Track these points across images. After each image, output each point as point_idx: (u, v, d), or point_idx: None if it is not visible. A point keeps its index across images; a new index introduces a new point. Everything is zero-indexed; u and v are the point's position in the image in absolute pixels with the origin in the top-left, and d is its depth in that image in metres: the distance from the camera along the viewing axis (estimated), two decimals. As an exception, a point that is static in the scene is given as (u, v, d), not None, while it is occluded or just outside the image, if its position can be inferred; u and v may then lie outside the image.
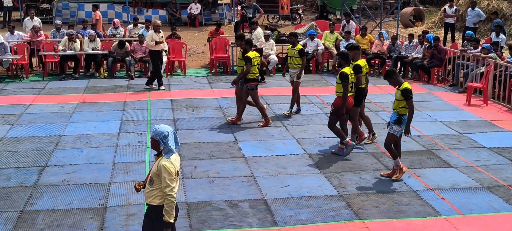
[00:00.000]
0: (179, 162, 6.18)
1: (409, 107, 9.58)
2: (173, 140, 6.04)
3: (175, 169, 6.01)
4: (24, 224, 8.20)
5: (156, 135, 5.99)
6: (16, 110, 14.58)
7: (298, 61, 13.71)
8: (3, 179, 9.90)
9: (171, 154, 6.00)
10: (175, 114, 14.09)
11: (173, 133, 6.07)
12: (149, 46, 16.85)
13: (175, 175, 6.00)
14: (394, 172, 9.97)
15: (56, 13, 28.69)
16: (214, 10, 29.76)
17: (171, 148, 5.98)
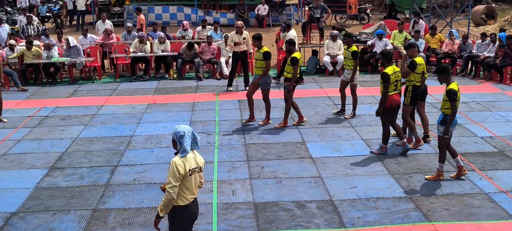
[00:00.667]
0: (196, 162, 6.24)
1: (451, 108, 9.38)
2: (190, 140, 6.15)
3: (185, 168, 6.08)
4: (96, 222, 8.43)
5: (174, 135, 6.16)
6: (89, 111, 14.99)
7: (352, 63, 13.62)
8: (76, 178, 10.21)
9: (186, 153, 6.11)
10: (242, 115, 14.18)
11: (192, 133, 6.18)
12: (230, 47, 17.06)
13: (184, 172, 6.07)
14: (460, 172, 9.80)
15: (127, 16, 29.32)
16: (281, 11, 29.79)
17: (186, 148, 6.10)
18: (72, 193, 9.53)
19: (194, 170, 6.20)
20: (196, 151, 6.27)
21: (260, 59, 13.15)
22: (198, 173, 6.30)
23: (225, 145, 11.85)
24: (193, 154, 6.21)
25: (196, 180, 6.26)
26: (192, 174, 6.17)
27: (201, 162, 6.32)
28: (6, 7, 30.22)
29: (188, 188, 6.18)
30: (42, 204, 9.11)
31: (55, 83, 18.98)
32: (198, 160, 6.27)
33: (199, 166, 6.29)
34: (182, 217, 6.22)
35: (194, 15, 28.83)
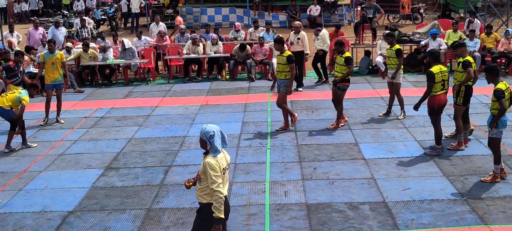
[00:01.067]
0: (226, 160, 6.24)
1: (500, 106, 9.18)
2: (220, 139, 6.12)
3: (220, 166, 6.06)
4: (151, 221, 8.55)
5: (203, 135, 6.11)
6: (144, 112, 15.22)
7: (395, 62, 13.48)
8: (131, 178, 10.38)
9: (217, 153, 6.08)
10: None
11: (220, 133, 6.15)
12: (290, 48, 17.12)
13: (220, 172, 6.04)
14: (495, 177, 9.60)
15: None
16: (333, 11, 29.66)
17: (217, 147, 6.07)
18: (127, 192, 9.70)
19: (225, 169, 6.20)
20: (224, 149, 6.27)
21: (283, 63, 12.68)
22: (227, 170, 6.29)
23: (277, 146, 11.87)
24: (222, 153, 6.20)
25: (226, 178, 6.26)
26: (224, 173, 6.16)
27: (229, 160, 6.35)
28: (63, 10, 30.90)
29: None
30: (98, 203, 9.30)
31: (110, 84, 19.34)
32: (227, 158, 6.30)
33: (228, 164, 6.31)
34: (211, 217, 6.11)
35: (246, 16, 28.95)
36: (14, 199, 9.60)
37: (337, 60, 13.05)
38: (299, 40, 17.02)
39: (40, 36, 21.39)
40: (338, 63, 12.97)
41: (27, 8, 32.76)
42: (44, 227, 8.49)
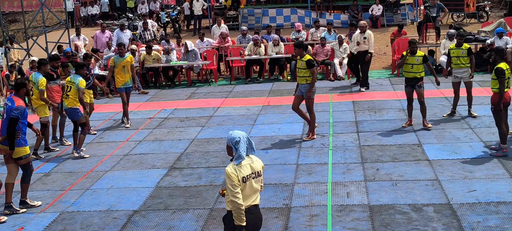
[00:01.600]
0: (252, 168, 6.00)
1: None
2: (245, 146, 5.95)
3: (240, 174, 5.86)
4: (213, 221, 8.64)
5: (229, 141, 5.99)
6: (206, 113, 15.39)
7: (466, 61, 13.21)
8: (194, 178, 10.51)
9: (241, 160, 5.91)
10: (357, 117, 14.08)
11: (247, 139, 5.99)
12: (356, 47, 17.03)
13: (238, 180, 5.85)
14: None
15: (242, 20, 29.79)
16: (396, 10, 29.27)
17: (241, 154, 5.90)
18: (191, 192, 9.82)
19: (249, 177, 5.95)
20: (253, 156, 6.09)
21: (303, 68, 12.22)
22: (255, 179, 6.04)
23: (339, 147, 11.81)
24: (249, 160, 6.00)
25: (252, 186, 6.01)
26: (247, 181, 5.93)
27: (258, 167, 6.08)
28: (128, 13, 31.50)
29: (244, 196, 5.93)
30: (162, 202, 9.46)
31: (173, 86, 19.63)
32: (255, 165, 6.04)
33: (256, 171, 6.04)
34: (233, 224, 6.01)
35: (307, 17, 28.87)
36: (82, 198, 9.86)
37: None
38: (365, 39, 16.82)
39: (106, 39, 21.92)
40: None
41: (95, 11, 33.51)
42: (110, 225, 8.69)
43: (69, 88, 12.23)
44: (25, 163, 9.46)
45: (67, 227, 8.74)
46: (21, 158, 9.37)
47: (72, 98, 12.24)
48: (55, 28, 27.79)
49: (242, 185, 5.89)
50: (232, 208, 5.90)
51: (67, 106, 12.33)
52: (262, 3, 30.96)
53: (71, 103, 12.27)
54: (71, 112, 12.38)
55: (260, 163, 6.13)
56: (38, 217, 9.18)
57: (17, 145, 9.29)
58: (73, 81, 12.24)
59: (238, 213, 5.89)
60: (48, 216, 9.17)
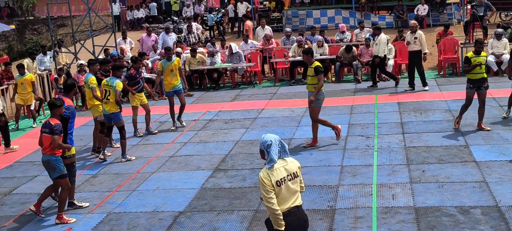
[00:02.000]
0: (286, 170, 5.89)
1: None
2: (277, 149, 5.88)
3: (273, 179, 5.79)
4: (258, 222, 8.66)
5: (261, 144, 5.93)
6: (250, 114, 15.45)
7: None
8: (239, 179, 10.56)
9: (272, 163, 5.84)
10: (402, 118, 13.95)
11: (279, 142, 5.92)
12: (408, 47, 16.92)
13: (271, 185, 5.79)
14: None
15: (286, 21, 29.78)
16: (442, 10, 28.87)
17: (273, 157, 5.83)
18: (235, 194, 9.88)
19: (284, 180, 5.87)
20: (288, 158, 5.99)
21: (311, 75, 12.08)
22: (292, 181, 5.94)
23: (384, 148, 11.72)
24: (283, 162, 5.92)
25: (289, 188, 5.92)
26: (281, 184, 5.84)
27: (294, 168, 5.98)
28: (173, 16, 31.81)
29: (280, 198, 5.86)
30: (207, 204, 9.53)
31: (218, 88, 19.76)
32: (289, 167, 5.94)
33: (292, 173, 5.95)
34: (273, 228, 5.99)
35: (352, 18, 28.71)
36: (128, 199, 10.01)
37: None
38: (416, 39, 16.61)
39: (152, 42, 22.19)
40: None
41: (141, 15, 33.92)
42: (156, 226, 8.79)
43: (108, 93, 12.16)
44: (69, 162, 9.63)
45: (114, 228, 8.88)
46: (66, 157, 9.54)
47: (112, 103, 12.21)
48: (101, 32, 28.22)
49: (277, 188, 5.84)
50: (268, 213, 5.91)
51: (108, 112, 12.25)
52: (306, 5, 30.90)
53: (112, 108, 12.22)
54: (112, 117, 12.31)
55: (296, 164, 6.05)
56: (86, 218, 9.36)
57: None
58: (111, 84, 12.13)
59: (274, 218, 5.88)
60: (96, 217, 9.34)
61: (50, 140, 9.03)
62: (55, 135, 9.00)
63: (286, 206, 5.92)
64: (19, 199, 10.53)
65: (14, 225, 9.36)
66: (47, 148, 9.11)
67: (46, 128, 9.09)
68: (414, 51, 16.70)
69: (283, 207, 5.88)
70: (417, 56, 16.70)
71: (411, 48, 16.72)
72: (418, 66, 16.84)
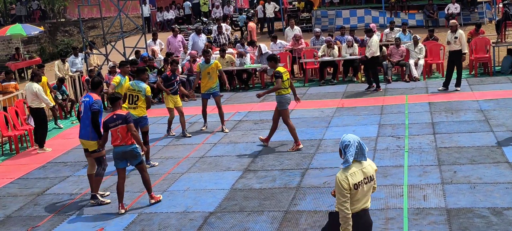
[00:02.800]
0: (364, 173, 5.88)
1: None
2: (354, 150, 5.84)
3: (349, 183, 5.78)
4: (288, 223, 8.67)
5: (340, 144, 5.94)
6: (280, 115, 15.43)
7: None
8: (269, 180, 10.57)
9: (347, 164, 5.83)
10: (433, 118, 13.83)
11: (358, 144, 5.88)
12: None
13: (349, 188, 5.77)
14: None
15: (315, 21, 29.74)
16: (473, 9, 28.56)
17: (348, 158, 5.82)
18: (265, 194, 9.89)
19: (361, 183, 5.87)
20: (364, 161, 5.96)
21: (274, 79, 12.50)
22: (367, 184, 5.95)
23: (415, 149, 11.64)
24: (359, 165, 5.90)
25: (363, 190, 5.92)
26: (358, 187, 5.85)
27: (371, 171, 5.98)
28: (202, 17, 31.95)
29: (354, 200, 5.88)
30: (237, 204, 9.56)
31: (247, 89, 19.78)
32: (366, 170, 5.94)
33: (369, 176, 5.95)
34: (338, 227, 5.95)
35: (382, 17, 28.55)
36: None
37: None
38: (457, 39, 16.41)
39: (179, 43, 22.31)
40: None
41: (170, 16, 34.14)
42: (187, 227, 8.85)
43: (136, 98, 11.98)
44: (98, 156, 10.01)
45: (145, 228, 8.95)
46: (95, 151, 9.96)
47: (141, 107, 12.03)
48: (132, 34, 28.47)
49: (353, 191, 5.84)
50: (340, 215, 5.87)
51: (137, 116, 11.89)
52: (336, 4, 30.82)
53: (141, 112, 12.04)
54: (141, 121, 12.10)
55: (373, 167, 6.07)
56: (117, 218, 9.45)
57: (92, 139, 9.99)
58: (139, 89, 11.94)
59: (344, 222, 5.86)
60: (127, 217, 9.42)
61: (126, 129, 9.50)
62: (130, 122, 9.56)
63: (358, 207, 5.94)
64: (51, 199, 10.68)
65: (47, 224, 9.49)
66: (126, 138, 9.57)
67: (119, 120, 9.53)
68: (454, 51, 16.51)
69: (354, 208, 5.91)
70: (457, 56, 16.51)
71: (451, 48, 16.52)
72: (458, 66, 16.65)
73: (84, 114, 10.12)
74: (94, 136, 10.00)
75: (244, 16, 30.13)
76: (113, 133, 9.59)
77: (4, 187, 11.74)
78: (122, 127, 9.50)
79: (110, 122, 9.55)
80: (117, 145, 9.58)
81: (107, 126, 9.59)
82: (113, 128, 9.55)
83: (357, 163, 5.91)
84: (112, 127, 9.55)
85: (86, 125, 10.08)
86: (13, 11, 43.62)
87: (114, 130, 9.55)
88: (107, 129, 9.64)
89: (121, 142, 9.55)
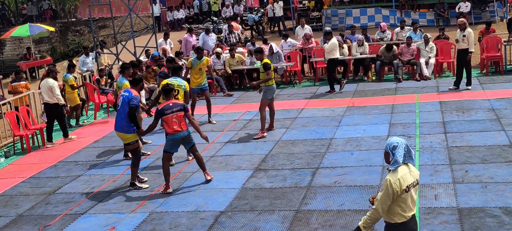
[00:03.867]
0: (412, 176, 5.80)
1: None
2: (403, 152, 5.76)
3: (401, 186, 5.69)
4: (299, 222, 8.67)
5: (387, 146, 5.84)
6: (290, 114, 15.44)
7: None
8: (279, 180, 10.57)
9: (397, 165, 5.73)
10: (444, 117, 13.78)
11: (406, 146, 5.79)
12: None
13: (396, 192, 5.67)
14: None
15: (326, 21, 29.70)
16: (484, 7, 28.40)
17: (398, 159, 5.72)
18: (276, 194, 9.89)
19: (410, 186, 5.79)
20: (410, 165, 5.88)
21: (262, 71, 13.43)
22: (414, 188, 5.87)
23: (426, 148, 11.60)
24: (407, 168, 5.82)
25: (412, 196, 5.84)
26: (409, 190, 5.77)
27: (417, 176, 5.91)
28: (212, 17, 31.98)
29: (405, 205, 5.80)
30: (248, 203, 9.56)
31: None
32: (413, 174, 5.87)
33: (415, 181, 5.86)
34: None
35: (392, 16, 28.47)
36: (170, 199, 10.10)
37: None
38: (465, 37, 16.34)
39: (195, 42, 22.40)
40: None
41: (181, 15, 34.18)
42: (197, 226, 8.86)
43: (176, 92, 12.09)
44: (133, 148, 10.77)
45: (156, 227, 8.97)
46: (129, 143, 10.74)
47: None
48: (142, 33, 28.54)
49: (404, 194, 5.74)
50: (373, 215, 5.80)
51: None
52: (346, 3, 30.76)
53: None
54: None
55: (417, 172, 5.97)
56: (129, 217, 9.48)
57: (127, 131, 10.58)
58: (179, 84, 12.25)
59: (373, 222, 5.81)
60: (138, 216, 9.45)
61: (182, 116, 10.28)
62: (188, 110, 10.44)
63: (410, 213, 5.85)
64: (63, 198, 10.72)
65: (58, 224, 9.53)
66: (182, 124, 10.31)
67: (177, 107, 10.27)
68: (462, 50, 16.44)
69: (408, 214, 5.83)
70: (465, 55, 16.44)
71: (460, 46, 16.46)
72: (465, 65, 16.58)
73: (121, 108, 10.70)
74: (129, 129, 10.59)
75: (253, 15, 30.09)
76: (168, 120, 10.18)
77: (16, 186, 11.80)
78: (180, 114, 10.23)
79: (166, 109, 10.19)
80: (176, 131, 10.25)
81: (163, 113, 10.19)
82: (169, 115, 10.16)
83: (405, 165, 5.83)
84: (168, 113, 10.16)
85: (122, 118, 10.67)
86: (24, 11, 43.82)
87: (170, 117, 10.16)
88: (160, 117, 10.25)
89: (178, 127, 10.23)
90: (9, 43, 38.38)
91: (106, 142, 14.57)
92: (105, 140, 14.74)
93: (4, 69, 34.00)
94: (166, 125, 10.29)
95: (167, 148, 10.40)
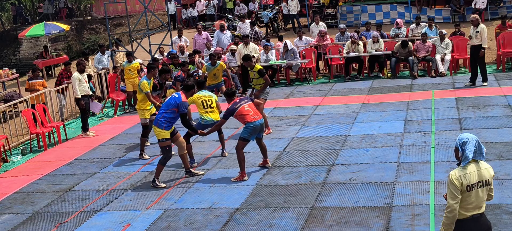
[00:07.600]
0: (479, 175, 5.59)
1: None
2: (473, 148, 5.56)
3: (464, 182, 5.52)
4: (314, 219, 8.66)
5: (457, 142, 5.66)
6: (305, 111, 15.42)
7: None
8: (294, 176, 10.56)
9: (467, 161, 5.55)
10: (460, 114, 13.71)
11: (476, 142, 5.60)
12: None
13: (457, 188, 5.52)
14: None
15: (341, 17, 29.60)
16: (500, 3, 28.18)
17: (468, 155, 5.52)
18: (291, 190, 9.88)
19: (475, 186, 5.57)
20: (482, 163, 5.66)
21: (256, 77, 13.33)
22: (482, 188, 5.63)
23: (442, 145, 11.54)
24: (476, 166, 5.61)
25: (478, 194, 5.60)
26: (471, 190, 5.55)
27: (487, 176, 5.64)
28: (227, 14, 31.99)
29: (467, 203, 5.60)
30: (263, 200, 9.57)
31: (273, 85, 19.76)
32: (482, 173, 5.62)
33: (484, 180, 5.62)
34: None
35: (407, 13, 28.33)
36: (185, 196, 10.13)
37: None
38: (478, 33, 16.25)
39: (204, 41, 22.39)
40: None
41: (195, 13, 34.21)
42: (212, 222, 8.88)
43: (210, 102, 11.84)
44: (163, 146, 10.78)
45: (171, 224, 9.00)
46: (160, 140, 10.73)
47: (216, 111, 11.90)
48: (157, 31, 28.61)
49: (466, 193, 5.56)
50: (446, 214, 5.66)
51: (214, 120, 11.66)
52: (361, 0, 30.65)
53: (217, 117, 11.83)
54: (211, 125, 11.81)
55: (490, 172, 5.70)
56: (144, 214, 9.51)
57: (160, 127, 10.63)
58: (211, 95, 12.01)
59: (449, 223, 5.67)
60: (153, 213, 9.48)
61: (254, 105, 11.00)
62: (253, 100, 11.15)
63: (470, 212, 5.67)
64: (79, 196, 10.79)
65: (74, 220, 9.59)
66: (258, 112, 10.98)
67: (243, 100, 10.87)
68: (475, 46, 16.35)
69: (467, 213, 5.65)
70: (478, 51, 16.34)
71: (473, 42, 16.39)
72: (478, 61, 16.48)
73: (164, 104, 10.87)
74: (166, 126, 10.62)
75: (267, 13, 30.06)
76: (242, 111, 10.61)
77: (32, 183, 11.89)
78: (250, 103, 10.85)
79: (235, 105, 10.67)
80: (255, 119, 10.64)
81: (233, 111, 10.64)
82: (240, 107, 10.63)
83: (474, 163, 5.64)
84: (238, 107, 10.62)
85: (160, 113, 10.77)
86: (40, 10, 44.11)
87: (242, 107, 10.63)
88: (229, 116, 10.73)
89: (255, 114, 10.70)
90: (25, 42, 38.65)
91: (121, 139, 14.64)
92: (121, 138, 14.81)
93: (21, 67, 34.28)
94: (241, 118, 10.65)
95: (245, 136, 10.63)
